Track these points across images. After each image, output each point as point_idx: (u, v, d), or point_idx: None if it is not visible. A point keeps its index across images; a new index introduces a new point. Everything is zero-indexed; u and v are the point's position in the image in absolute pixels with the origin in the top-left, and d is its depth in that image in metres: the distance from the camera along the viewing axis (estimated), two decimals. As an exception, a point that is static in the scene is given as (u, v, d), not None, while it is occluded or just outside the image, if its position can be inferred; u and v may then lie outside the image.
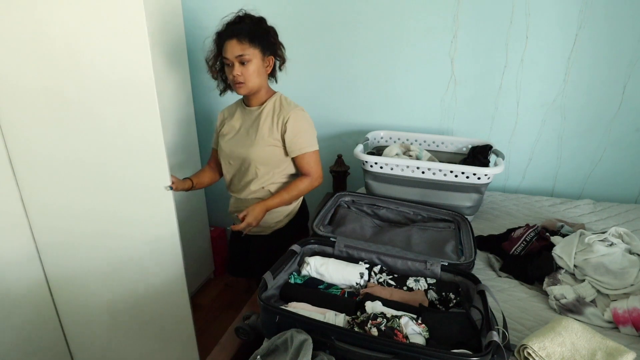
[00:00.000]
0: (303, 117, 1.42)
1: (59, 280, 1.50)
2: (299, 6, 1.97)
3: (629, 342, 0.95)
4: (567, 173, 1.91)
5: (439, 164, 1.49)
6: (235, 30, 1.32)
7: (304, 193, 1.49)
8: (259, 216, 1.39)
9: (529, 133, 1.89)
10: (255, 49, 1.33)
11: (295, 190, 1.45)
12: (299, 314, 0.87)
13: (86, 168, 1.31)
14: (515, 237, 1.35)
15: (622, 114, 1.75)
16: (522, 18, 1.72)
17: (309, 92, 2.13)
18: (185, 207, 2.07)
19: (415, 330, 0.86)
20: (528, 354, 0.86)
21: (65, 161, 1.30)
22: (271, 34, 1.39)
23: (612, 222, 1.56)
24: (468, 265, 1.12)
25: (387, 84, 2.00)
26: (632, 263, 1.10)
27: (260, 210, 1.39)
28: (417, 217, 1.45)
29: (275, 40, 1.41)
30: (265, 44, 1.37)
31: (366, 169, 1.57)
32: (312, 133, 1.45)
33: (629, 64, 1.67)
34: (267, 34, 1.38)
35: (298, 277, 1.08)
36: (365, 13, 1.90)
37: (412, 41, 1.89)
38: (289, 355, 0.77)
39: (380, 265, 1.12)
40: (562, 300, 1.08)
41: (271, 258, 1.45)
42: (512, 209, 1.73)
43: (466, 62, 1.85)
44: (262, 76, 1.39)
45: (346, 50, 1.99)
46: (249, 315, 1.06)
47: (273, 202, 1.43)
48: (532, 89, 1.82)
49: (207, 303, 2.30)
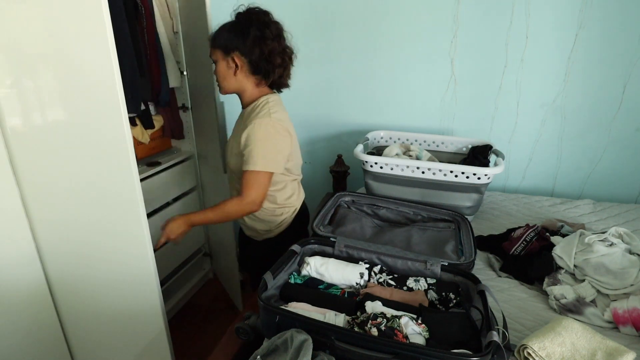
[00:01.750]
0: (260, 129, 1.21)
1: (60, 279, 1.50)
2: (298, 7, 1.98)
3: (629, 342, 0.95)
4: (567, 173, 1.91)
5: (439, 164, 1.49)
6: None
7: (232, 216, 1.29)
8: (177, 230, 1.27)
9: (529, 133, 1.89)
10: (217, 50, 1.26)
11: (221, 211, 1.27)
12: (299, 314, 0.87)
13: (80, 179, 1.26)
14: (515, 237, 1.35)
15: (622, 114, 1.75)
16: (522, 18, 1.72)
17: (309, 92, 2.13)
18: (187, 210, 2.07)
19: (415, 330, 0.86)
20: (528, 354, 0.86)
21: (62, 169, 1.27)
22: (245, 30, 1.21)
23: (612, 222, 1.56)
24: (468, 265, 1.11)
25: (387, 84, 2.00)
26: (632, 263, 1.10)
27: (179, 225, 1.27)
28: (417, 217, 1.45)
29: (247, 38, 1.21)
30: (229, 43, 1.23)
31: (366, 169, 1.57)
32: (266, 149, 1.22)
33: (629, 64, 1.67)
34: (237, 31, 1.22)
35: (298, 277, 1.08)
36: (365, 13, 1.91)
37: (412, 41, 1.89)
38: (289, 355, 0.77)
39: (380, 265, 1.12)
40: (562, 300, 1.08)
41: (257, 264, 1.44)
42: (512, 209, 1.73)
43: (466, 62, 1.86)
44: (229, 77, 1.27)
45: (346, 50, 1.99)
46: (249, 315, 1.06)
47: (196, 218, 1.31)
48: (532, 89, 1.82)
49: (207, 303, 2.30)
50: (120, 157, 1.15)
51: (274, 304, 0.96)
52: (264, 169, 1.22)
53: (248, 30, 1.21)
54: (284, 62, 1.28)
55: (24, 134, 1.26)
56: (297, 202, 1.45)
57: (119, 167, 1.16)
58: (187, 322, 2.13)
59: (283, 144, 1.26)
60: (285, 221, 1.42)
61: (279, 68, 1.27)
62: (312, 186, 2.28)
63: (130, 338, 1.61)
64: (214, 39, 1.26)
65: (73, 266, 1.40)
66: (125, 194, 1.19)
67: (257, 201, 1.25)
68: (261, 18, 1.23)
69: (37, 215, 1.42)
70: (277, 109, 1.28)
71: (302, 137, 2.23)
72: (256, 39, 1.21)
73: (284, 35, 1.28)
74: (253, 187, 1.23)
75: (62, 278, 1.44)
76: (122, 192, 1.19)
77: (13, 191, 1.33)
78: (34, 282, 1.47)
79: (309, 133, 2.22)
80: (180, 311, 2.22)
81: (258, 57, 1.23)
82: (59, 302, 1.54)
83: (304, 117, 2.18)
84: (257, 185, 1.23)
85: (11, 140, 1.26)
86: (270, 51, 1.23)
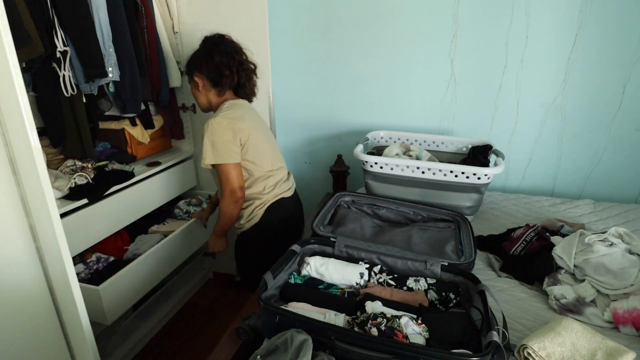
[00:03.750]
0: (212, 126, 1.36)
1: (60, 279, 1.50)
2: (298, 7, 1.98)
3: (629, 342, 0.95)
4: (567, 173, 1.91)
5: (439, 164, 1.48)
6: None
7: (227, 211, 1.45)
8: (215, 244, 1.60)
9: (529, 133, 1.89)
10: (187, 75, 1.52)
11: (221, 214, 1.48)
12: (299, 314, 0.87)
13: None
14: (515, 237, 1.35)
15: (622, 114, 1.75)
16: (522, 18, 1.72)
17: (309, 92, 2.13)
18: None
19: (415, 330, 0.86)
20: (528, 354, 0.86)
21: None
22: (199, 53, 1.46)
23: (612, 222, 1.56)
24: (468, 265, 1.11)
25: (387, 84, 2.00)
26: (632, 263, 1.10)
27: (213, 240, 1.59)
28: (417, 217, 1.45)
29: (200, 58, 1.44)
30: (190, 67, 1.48)
31: (366, 169, 1.57)
32: (220, 144, 1.36)
33: (629, 64, 1.67)
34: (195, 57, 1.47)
35: (298, 277, 1.08)
36: (366, 13, 1.91)
37: (412, 41, 1.89)
38: (289, 355, 0.77)
39: (380, 265, 1.12)
40: (562, 300, 1.08)
41: (236, 254, 1.66)
42: (512, 209, 1.73)
43: (466, 62, 1.85)
44: (199, 96, 1.51)
45: (346, 50, 1.99)
46: (249, 315, 1.06)
47: (216, 229, 1.55)
48: (532, 89, 1.82)
49: (207, 303, 2.30)
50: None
51: (274, 304, 0.96)
52: (220, 161, 1.37)
53: (200, 53, 1.46)
54: (238, 73, 1.46)
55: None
56: (268, 197, 1.51)
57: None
58: (187, 322, 2.13)
59: (232, 137, 1.38)
60: (255, 214, 1.51)
61: (227, 78, 1.44)
62: (312, 186, 2.28)
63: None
64: (186, 67, 1.51)
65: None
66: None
67: (235, 189, 1.41)
68: (212, 40, 1.46)
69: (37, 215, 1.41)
70: (232, 109, 1.43)
71: (302, 137, 2.23)
72: (205, 57, 1.44)
73: (239, 52, 1.48)
74: (224, 181, 1.41)
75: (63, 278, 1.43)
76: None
77: (13, 191, 1.33)
78: (34, 282, 1.47)
79: (309, 133, 2.22)
80: (180, 311, 2.22)
81: (209, 71, 1.44)
82: (60, 302, 1.54)
83: (304, 117, 2.18)
84: (224, 177, 1.40)
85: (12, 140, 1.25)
86: (217, 64, 1.42)
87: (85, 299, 1.50)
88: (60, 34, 1.37)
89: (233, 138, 1.38)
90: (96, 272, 1.59)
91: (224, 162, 1.37)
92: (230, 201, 1.42)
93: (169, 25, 1.92)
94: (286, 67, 2.09)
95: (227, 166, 1.38)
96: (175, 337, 2.03)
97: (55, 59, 1.38)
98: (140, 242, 1.80)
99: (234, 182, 1.40)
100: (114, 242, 1.75)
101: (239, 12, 1.82)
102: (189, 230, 1.89)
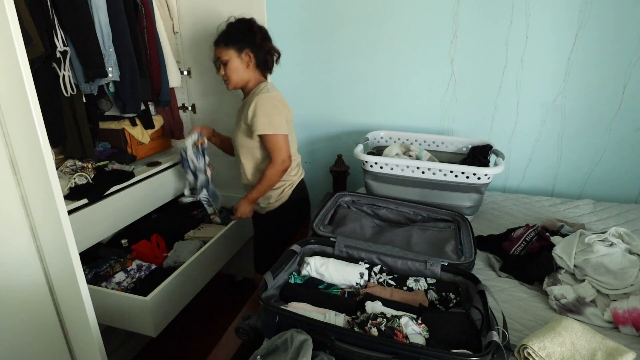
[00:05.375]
0: (264, 101, 1.46)
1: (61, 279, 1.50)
2: (298, 7, 1.98)
3: (629, 342, 0.95)
4: (567, 173, 1.91)
5: (439, 164, 1.48)
6: (217, 37, 1.52)
7: (273, 179, 1.54)
8: (245, 210, 1.62)
9: (529, 133, 1.89)
10: (229, 50, 1.50)
11: (265, 179, 1.53)
12: (299, 314, 0.87)
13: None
14: (515, 237, 1.35)
15: (622, 114, 1.75)
16: (522, 18, 1.72)
17: (310, 92, 2.13)
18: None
19: (415, 330, 0.86)
20: (528, 354, 0.86)
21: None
22: (251, 32, 1.50)
23: (612, 222, 1.56)
24: (468, 265, 1.11)
25: (387, 84, 2.00)
26: (632, 263, 1.10)
27: (244, 205, 1.62)
28: (417, 217, 1.45)
29: (255, 37, 1.50)
30: (241, 42, 1.49)
31: (366, 169, 1.57)
32: (273, 116, 1.47)
33: (629, 64, 1.67)
34: (244, 33, 1.50)
35: (298, 277, 1.08)
36: (366, 13, 1.91)
37: (412, 41, 1.89)
38: (289, 355, 0.77)
39: (380, 265, 1.12)
40: (562, 300, 1.08)
41: (262, 235, 1.77)
42: (512, 209, 1.73)
43: (466, 62, 1.86)
44: (241, 72, 1.53)
45: (346, 50, 1.99)
46: (249, 315, 1.05)
47: (252, 195, 1.59)
48: (532, 88, 1.82)
49: (207, 303, 2.30)
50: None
51: (274, 304, 0.96)
52: (274, 132, 1.47)
53: (254, 33, 1.50)
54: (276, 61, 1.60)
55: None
56: (295, 178, 1.66)
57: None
58: (187, 322, 2.13)
59: (283, 113, 1.51)
60: (285, 194, 1.64)
61: (272, 63, 1.58)
62: (312, 186, 2.28)
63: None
64: (227, 40, 1.50)
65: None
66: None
67: (285, 158, 1.51)
68: (256, 24, 1.53)
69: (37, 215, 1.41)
70: (276, 91, 1.56)
71: (302, 137, 2.23)
72: (262, 38, 1.52)
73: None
74: (275, 150, 1.49)
75: (63, 278, 1.43)
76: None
77: (13, 191, 1.33)
78: (34, 282, 1.47)
79: (309, 133, 2.22)
80: (180, 311, 2.21)
81: (264, 51, 1.53)
82: (60, 302, 1.53)
83: (305, 117, 2.18)
84: (277, 147, 1.49)
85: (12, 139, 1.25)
86: (270, 48, 1.55)
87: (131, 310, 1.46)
88: (60, 34, 1.37)
89: (283, 114, 1.51)
90: (139, 281, 1.56)
91: (279, 132, 1.48)
92: (280, 169, 1.51)
93: (169, 25, 1.92)
94: (286, 67, 2.09)
95: (280, 137, 1.48)
96: (175, 337, 2.03)
97: (55, 59, 1.38)
98: (180, 249, 1.76)
99: (285, 151, 1.50)
100: (150, 249, 1.73)
101: (238, 13, 1.82)
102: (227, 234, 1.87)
